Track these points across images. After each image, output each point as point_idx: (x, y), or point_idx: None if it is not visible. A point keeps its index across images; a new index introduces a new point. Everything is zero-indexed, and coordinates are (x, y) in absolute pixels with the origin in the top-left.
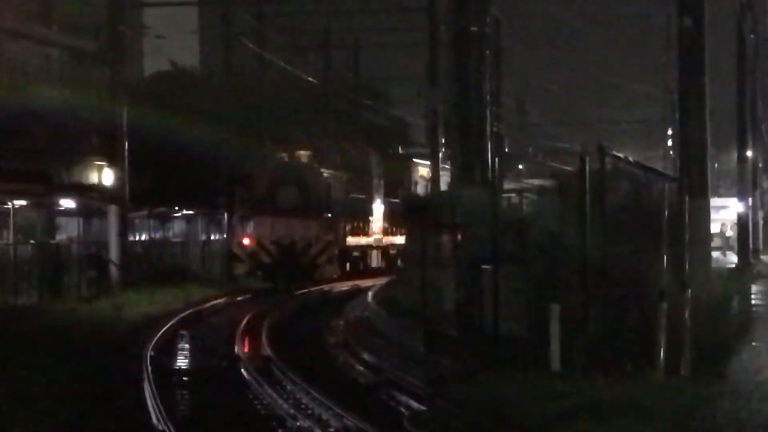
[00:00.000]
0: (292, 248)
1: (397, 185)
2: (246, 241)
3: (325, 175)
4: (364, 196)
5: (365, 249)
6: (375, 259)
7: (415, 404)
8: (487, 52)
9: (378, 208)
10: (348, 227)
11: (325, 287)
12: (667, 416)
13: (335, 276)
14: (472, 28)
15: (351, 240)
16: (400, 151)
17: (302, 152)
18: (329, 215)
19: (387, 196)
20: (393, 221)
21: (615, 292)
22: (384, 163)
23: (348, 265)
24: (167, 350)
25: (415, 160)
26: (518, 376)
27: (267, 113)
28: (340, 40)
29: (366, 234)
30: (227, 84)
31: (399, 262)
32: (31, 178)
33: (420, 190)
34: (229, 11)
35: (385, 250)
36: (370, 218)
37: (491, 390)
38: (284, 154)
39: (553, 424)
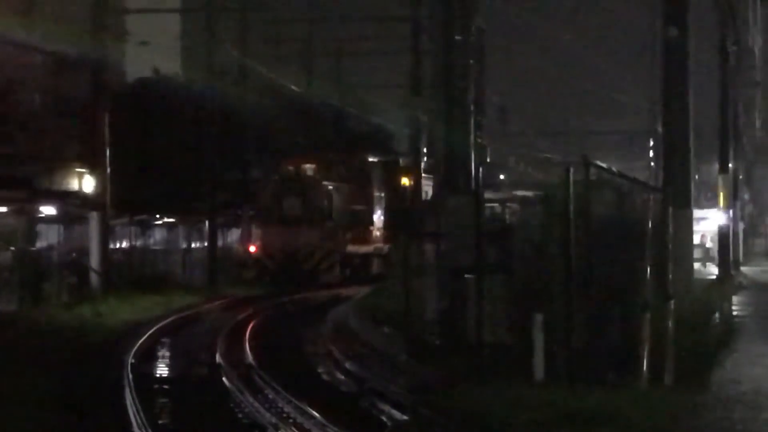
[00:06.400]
0: (296, 255)
1: (400, 195)
2: (252, 248)
3: (328, 186)
4: (365, 206)
5: (366, 256)
6: (376, 266)
7: (398, 413)
8: (471, 61)
9: (378, 217)
10: (349, 235)
11: (310, 295)
12: (650, 426)
13: (336, 282)
14: (457, 37)
15: (352, 248)
16: (401, 162)
17: (307, 165)
18: (331, 224)
19: (390, 206)
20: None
21: (598, 302)
22: (386, 173)
23: (349, 271)
24: (149, 358)
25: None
26: (501, 385)
27: (249, 121)
28: (323, 49)
29: (367, 242)
30: (209, 91)
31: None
32: (12, 184)
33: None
34: (212, 18)
35: (385, 257)
36: (371, 227)
37: (474, 399)
38: (290, 167)
39: None
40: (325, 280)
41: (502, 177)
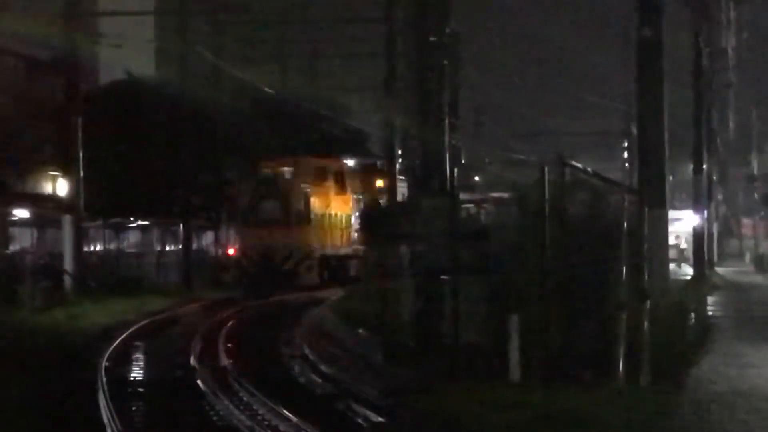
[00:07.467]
0: (274, 258)
1: (376, 197)
2: (231, 251)
3: (306, 189)
4: (342, 209)
5: (344, 258)
6: (353, 268)
7: (374, 415)
8: (445, 62)
9: (356, 219)
10: (327, 238)
11: (285, 297)
12: (626, 427)
13: (314, 284)
14: (431, 39)
15: (330, 250)
16: (378, 164)
17: (284, 167)
18: (309, 226)
19: (366, 208)
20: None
21: (574, 303)
22: (362, 175)
23: (327, 273)
24: (123, 361)
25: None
26: (478, 387)
27: (223, 123)
28: (297, 51)
29: (344, 244)
30: (182, 94)
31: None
32: None
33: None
34: (185, 21)
35: (362, 259)
36: (348, 229)
37: (451, 400)
38: (267, 169)
39: None
40: (303, 282)
41: (477, 178)
